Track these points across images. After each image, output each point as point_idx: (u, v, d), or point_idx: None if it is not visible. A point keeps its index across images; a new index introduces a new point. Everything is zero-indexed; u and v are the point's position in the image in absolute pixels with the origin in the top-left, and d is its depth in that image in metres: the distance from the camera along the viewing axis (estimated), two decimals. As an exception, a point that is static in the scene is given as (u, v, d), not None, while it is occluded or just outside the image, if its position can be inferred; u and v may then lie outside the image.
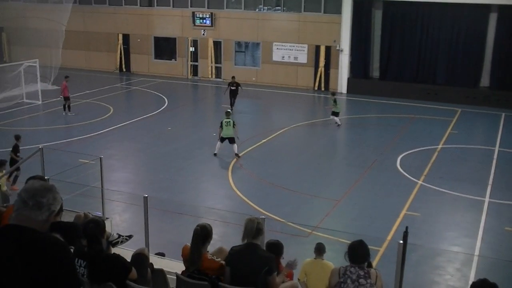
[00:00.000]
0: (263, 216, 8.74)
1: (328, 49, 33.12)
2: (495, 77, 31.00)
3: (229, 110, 21.24)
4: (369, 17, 32.70)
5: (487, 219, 14.72)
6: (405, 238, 8.00)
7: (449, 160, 20.03)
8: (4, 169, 14.22)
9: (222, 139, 19.64)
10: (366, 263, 6.60)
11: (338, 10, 32.50)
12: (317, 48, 33.36)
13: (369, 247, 6.66)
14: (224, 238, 11.54)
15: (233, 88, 26.96)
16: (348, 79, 32.97)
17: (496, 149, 21.42)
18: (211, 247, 6.93)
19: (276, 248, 7.72)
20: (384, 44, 32.75)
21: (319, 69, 33.45)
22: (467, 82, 31.03)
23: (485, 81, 31.46)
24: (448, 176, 18.14)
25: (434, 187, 17.01)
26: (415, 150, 20.98)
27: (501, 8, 30.03)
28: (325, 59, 33.16)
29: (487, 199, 16.17)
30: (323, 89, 33.39)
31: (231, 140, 19.57)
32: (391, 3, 31.96)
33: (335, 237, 11.79)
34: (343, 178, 18.05)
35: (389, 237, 12.89)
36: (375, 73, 33.61)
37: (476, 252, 12.71)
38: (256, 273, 6.36)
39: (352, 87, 32.74)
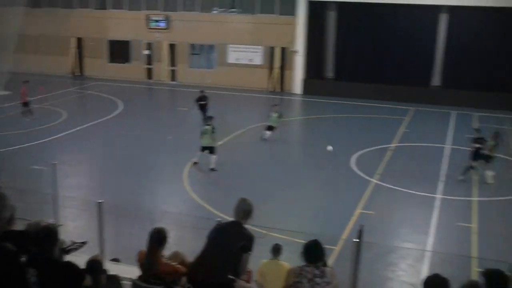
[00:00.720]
0: (219, 219, 8.78)
1: (283, 50, 33.36)
2: (446, 76, 31.78)
3: (210, 116, 20.00)
4: (323, 19, 33.06)
5: (438, 215, 15.09)
6: (360, 236, 8.15)
7: (402, 158, 20.43)
8: None
9: (202, 148, 18.47)
10: (321, 262, 6.69)
11: (292, 12, 32.77)
12: (272, 49, 33.58)
13: (325, 246, 6.76)
14: (180, 242, 11.51)
15: (202, 103, 24.68)
16: (303, 80, 33.26)
17: (447, 146, 21.96)
18: (167, 251, 6.93)
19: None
20: (338, 45, 33.16)
21: (274, 71, 33.66)
22: (419, 81, 31.72)
23: (436, 80, 32.21)
24: (401, 174, 18.51)
25: (388, 185, 17.34)
26: (369, 149, 21.34)
27: (451, 9, 30.80)
28: (280, 60, 33.41)
29: (438, 196, 16.57)
30: (278, 90, 33.61)
31: (211, 150, 18.46)
32: (345, 5, 32.36)
33: (291, 238, 11.90)
34: (298, 178, 18.18)
35: (344, 236, 13.07)
36: (330, 73, 33.98)
37: (428, 248, 13.02)
38: (232, 248, 6.50)
39: (307, 88, 33.05)
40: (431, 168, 19.31)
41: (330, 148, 19.92)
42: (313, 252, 6.63)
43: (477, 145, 17.65)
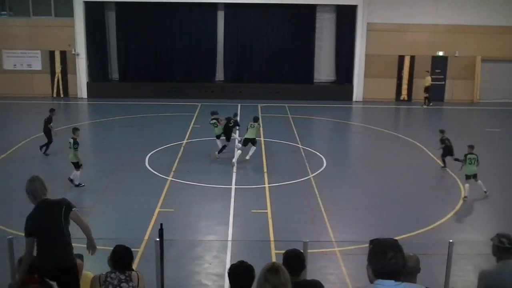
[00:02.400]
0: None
1: (63, 53, 32.01)
2: (228, 71, 33.11)
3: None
4: (102, 19, 32.35)
5: (235, 204, 15.66)
6: (161, 235, 8.14)
7: (195, 154, 20.84)
8: None
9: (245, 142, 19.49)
10: (129, 267, 6.59)
11: (70, 13, 31.52)
12: (52, 53, 32.05)
13: (131, 249, 6.69)
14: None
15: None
16: (88, 83, 32.28)
17: (236, 137, 22.83)
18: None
19: None
20: (121, 46, 32.74)
21: (56, 75, 32.20)
22: (204, 77, 32.65)
23: (220, 75, 33.44)
24: (196, 169, 18.88)
25: (184, 181, 17.56)
26: (162, 147, 21.42)
27: (227, 6, 32.13)
28: (61, 64, 32.04)
29: (233, 186, 17.19)
30: (62, 95, 32.27)
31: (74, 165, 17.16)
32: (123, 4, 32.01)
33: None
34: (93, 184, 17.59)
35: (146, 237, 12.97)
36: (115, 75, 33.44)
37: (229, 238, 13.43)
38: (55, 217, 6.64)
39: (92, 91, 32.17)
40: (223, 160, 19.95)
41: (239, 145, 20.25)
42: (120, 257, 6.52)
43: (446, 144, 19.19)
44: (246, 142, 19.80)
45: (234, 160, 19.42)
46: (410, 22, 32.02)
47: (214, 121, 20.65)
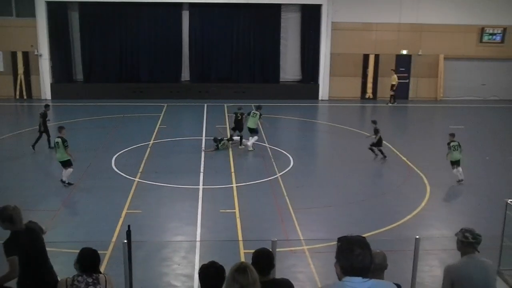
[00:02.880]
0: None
1: (26, 54, 31.49)
2: (194, 71, 33.04)
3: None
4: (65, 20, 31.92)
5: (203, 205, 15.62)
6: (128, 237, 8.09)
7: (162, 154, 20.73)
8: None
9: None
10: (96, 270, 6.54)
11: (32, 13, 30.98)
12: (14, 54, 31.49)
13: (99, 251, 6.63)
14: None
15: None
16: (51, 84, 31.82)
17: (203, 138, 22.82)
18: None
19: None
20: (85, 46, 32.35)
21: (19, 76, 31.67)
22: (170, 77, 32.50)
23: (185, 75, 33.37)
24: (163, 169, 18.77)
25: (151, 182, 17.45)
26: (128, 148, 21.24)
27: (191, 5, 32.06)
28: (24, 65, 31.52)
29: (201, 186, 17.15)
30: (25, 97, 31.75)
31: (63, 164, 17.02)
32: (86, 4, 31.65)
33: (58, 249, 11.35)
34: (58, 187, 17.34)
35: (114, 239, 12.85)
36: (79, 76, 33.05)
37: (198, 238, 13.40)
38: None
39: (56, 93, 31.72)
40: (190, 160, 19.91)
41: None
42: (87, 260, 6.46)
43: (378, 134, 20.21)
44: (249, 131, 21.37)
45: (250, 147, 21.27)
46: (374, 21, 32.39)
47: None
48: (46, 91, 31.76)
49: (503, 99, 33.91)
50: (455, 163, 17.87)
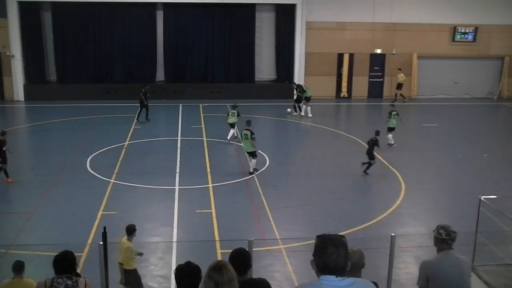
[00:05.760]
0: None
1: (-2, 55, 31.08)
2: (168, 71, 32.89)
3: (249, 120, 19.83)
4: (38, 20, 31.49)
5: (179, 205, 15.58)
6: (104, 238, 8.03)
7: (138, 155, 20.61)
8: None
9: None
10: (74, 272, 6.48)
11: (3, 14, 30.51)
12: (-15, 55, 31.05)
13: (74, 254, 6.57)
14: None
15: None
16: (24, 85, 31.41)
17: (179, 138, 22.73)
18: None
19: None
20: (58, 47, 31.97)
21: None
22: (144, 78, 32.19)
23: (160, 75, 33.17)
24: (139, 170, 18.68)
25: (127, 183, 17.35)
26: (103, 149, 21.08)
27: (165, 5, 31.93)
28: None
29: (177, 187, 17.10)
30: (-3, 98, 31.37)
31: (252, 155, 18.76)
32: (59, 5, 31.27)
33: (33, 252, 11.25)
34: (33, 188, 17.14)
35: (89, 241, 12.76)
36: (53, 77, 32.66)
37: (174, 239, 13.36)
38: None
39: (29, 94, 31.29)
40: (166, 161, 19.83)
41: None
42: (63, 263, 6.41)
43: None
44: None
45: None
46: (348, 21, 32.56)
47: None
48: (18, 92, 31.32)
49: (475, 97, 34.35)
50: (392, 130, 21.79)
